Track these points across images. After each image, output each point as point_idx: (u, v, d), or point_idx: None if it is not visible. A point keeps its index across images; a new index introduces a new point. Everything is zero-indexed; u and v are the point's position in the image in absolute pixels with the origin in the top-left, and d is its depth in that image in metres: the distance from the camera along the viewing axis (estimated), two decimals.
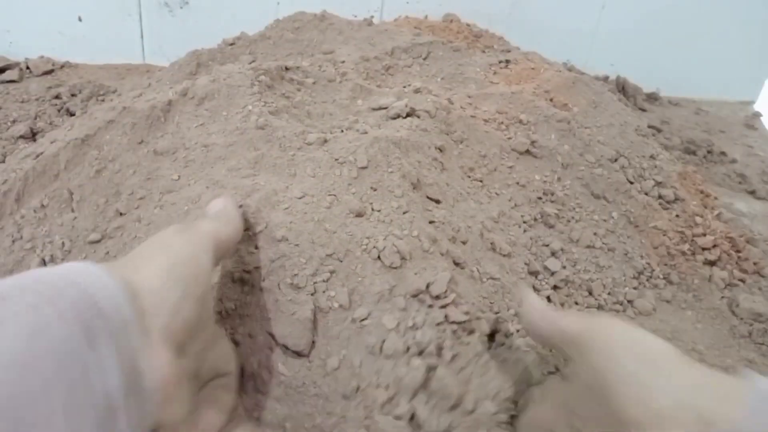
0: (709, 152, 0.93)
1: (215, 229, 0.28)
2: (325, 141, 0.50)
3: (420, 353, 0.33)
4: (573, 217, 0.60)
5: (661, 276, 0.60)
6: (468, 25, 1.07)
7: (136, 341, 0.20)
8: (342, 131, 0.54)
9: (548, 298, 0.51)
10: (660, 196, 0.66)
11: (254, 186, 0.44)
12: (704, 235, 0.62)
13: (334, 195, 0.43)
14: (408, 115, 0.57)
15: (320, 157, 0.47)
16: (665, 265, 0.61)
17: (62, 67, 1.02)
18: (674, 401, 0.20)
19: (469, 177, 0.57)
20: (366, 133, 0.51)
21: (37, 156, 0.53)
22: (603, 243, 0.59)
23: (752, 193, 0.84)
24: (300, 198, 0.42)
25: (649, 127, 0.91)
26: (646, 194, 0.65)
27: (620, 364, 0.23)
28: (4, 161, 0.65)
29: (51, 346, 0.17)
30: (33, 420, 0.16)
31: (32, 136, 0.77)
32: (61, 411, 0.17)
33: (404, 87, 0.67)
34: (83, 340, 0.18)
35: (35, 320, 0.17)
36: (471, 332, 0.37)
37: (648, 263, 0.60)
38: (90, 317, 0.19)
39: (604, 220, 0.61)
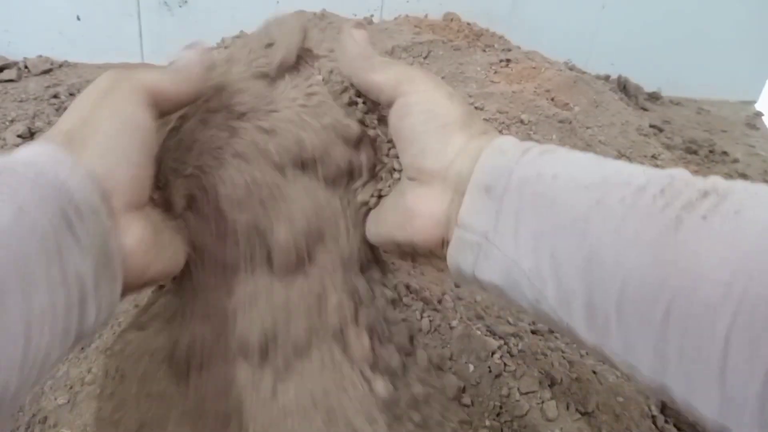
0: (710, 152, 0.93)
1: (158, 80, 0.26)
2: None
3: None
4: None
5: None
6: (468, 24, 1.07)
7: (105, 225, 0.22)
8: None
9: None
10: None
11: None
12: None
13: None
14: None
15: None
16: None
17: (61, 66, 1.02)
18: (438, 162, 0.25)
19: None
20: None
21: None
22: None
23: None
24: None
25: (651, 126, 0.91)
26: None
27: (409, 124, 0.26)
28: None
29: (33, 225, 0.18)
30: (15, 287, 0.17)
31: (30, 135, 0.77)
32: (41, 285, 0.18)
33: None
34: (62, 223, 0.19)
35: (19, 200, 0.18)
36: None
37: None
38: (66, 203, 0.20)
39: None
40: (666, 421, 0.39)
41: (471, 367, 0.42)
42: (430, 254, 0.26)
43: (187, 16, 1.07)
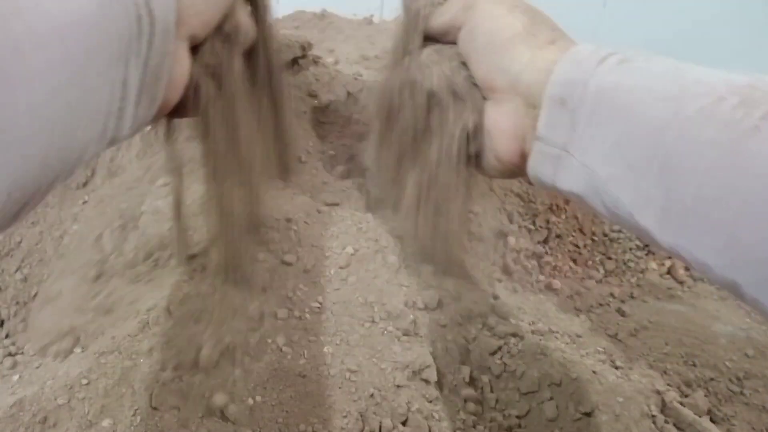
0: None
1: None
2: None
3: None
4: None
5: None
6: None
7: (168, 47, 0.23)
8: None
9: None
10: None
11: None
12: None
13: None
14: None
15: None
16: None
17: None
18: (507, 77, 0.25)
19: None
20: None
21: None
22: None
23: None
24: None
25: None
26: None
27: (473, 48, 0.27)
28: None
29: (112, 17, 0.20)
30: (89, 73, 0.19)
31: None
32: (102, 82, 0.19)
33: None
34: (134, 29, 0.21)
35: None
36: None
37: None
38: (144, 12, 0.21)
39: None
40: (666, 421, 0.40)
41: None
42: (519, 169, 0.27)
43: None
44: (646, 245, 0.62)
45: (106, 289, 0.43)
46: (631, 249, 0.62)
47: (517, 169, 0.27)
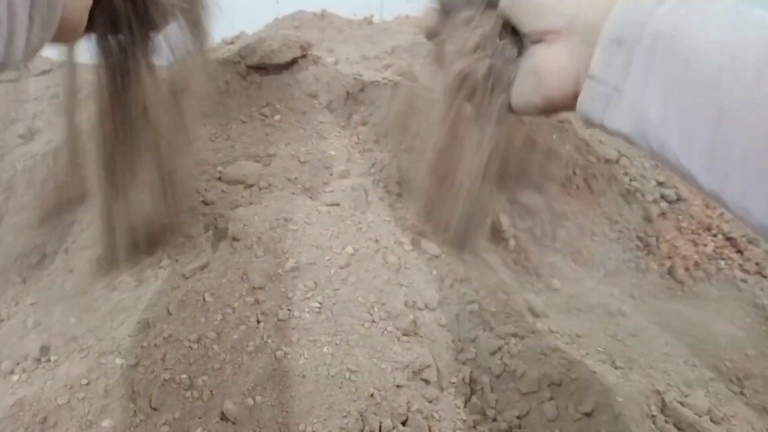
0: None
1: None
2: None
3: None
4: None
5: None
6: None
7: None
8: None
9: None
10: (662, 196, 0.65)
11: None
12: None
13: None
14: None
15: None
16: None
17: (61, 66, 1.02)
18: (558, 18, 0.25)
19: None
20: None
21: (32, 156, 0.53)
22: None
23: None
24: None
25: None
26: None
27: None
28: (2, 160, 0.64)
29: None
30: None
31: (30, 135, 0.77)
32: None
33: None
34: None
35: None
36: None
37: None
38: None
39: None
40: (666, 421, 0.40)
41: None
42: (566, 107, 0.27)
43: None
44: (647, 245, 0.62)
45: None
46: (631, 249, 0.62)
47: (564, 108, 0.27)
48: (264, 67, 0.61)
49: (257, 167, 0.53)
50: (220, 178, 0.53)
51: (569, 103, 0.26)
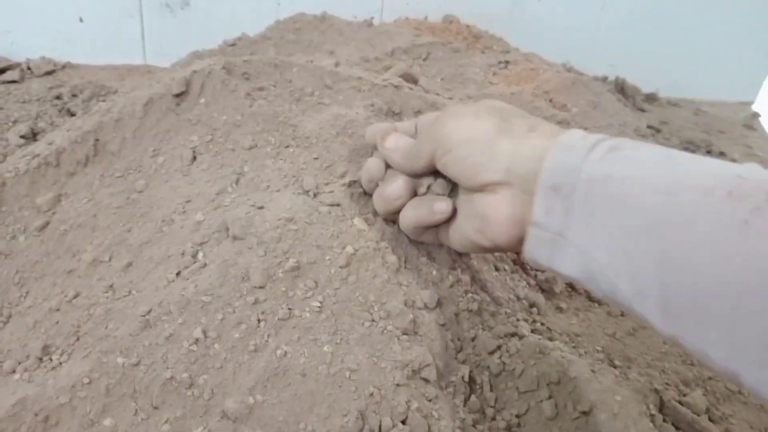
0: (708, 152, 0.93)
1: None
2: None
3: None
4: None
5: None
6: (468, 26, 1.07)
7: None
8: None
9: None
10: None
11: None
12: None
13: None
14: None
15: None
16: None
17: (63, 67, 1.02)
18: (494, 172, 0.26)
19: None
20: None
21: (35, 156, 0.53)
22: None
23: None
24: None
25: (648, 127, 0.91)
26: None
27: (452, 158, 0.28)
28: (4, 161, 0.65)
29: None
30: None
31: (33, 136, 0.77)
32: None
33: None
34: None
35: None
36: None
37: None
38: None
39: None
40: (664, 420, 0.40)
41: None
42: (511, 249, 0.28)
43: (188, 17, 1.07)
44: None
45: None
46: None
47: (509, 250, 0.28)
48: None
49: None
50: None
51: (515, 246, 0.27)
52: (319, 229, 0.44)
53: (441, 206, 0.34)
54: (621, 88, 1.11)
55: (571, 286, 0.59)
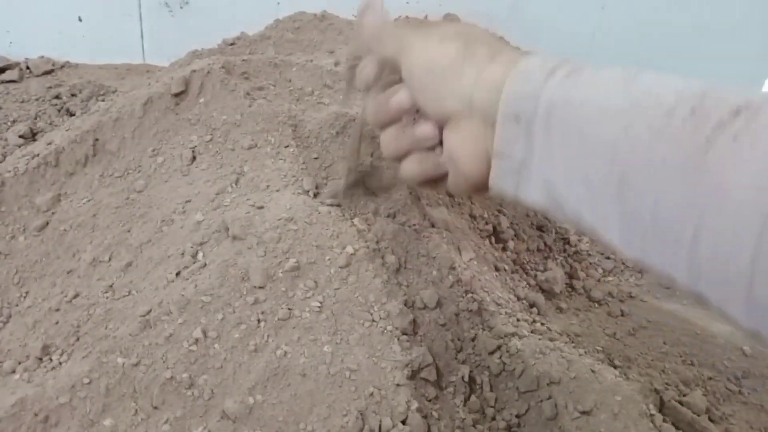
0: None
1: None
2: None
3: None
4: None
5: None
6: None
7: None
8: None
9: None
10: None
11: None
12: None
13: None
14: None
15: None
16: None
17: (62, 67, 1.02)
18: (457, 101, 0.25)
19: None
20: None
21: (34, 156, 0.53)
22: None
23: None
24: None
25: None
26: None
27: (417, 78, 0.28)
28: (4, 161, 0.65)
29: None
30: None
31: (32, 135, 0.77)
32: None
33: None
34: None
35: None
36: None
37: None
38: None
39: None
40: (664, 420, 0.40)
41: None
42: (482, 185, 0.27)
43: (188, 16, 1.07)
44: None
45: None
46: None
47: (484, 186, 0.27)
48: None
49: None
50: None
51: (484, 181, 0.26)
52: (319, 229, 0.44)
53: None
54: None
55: (571, 287, 0.59)
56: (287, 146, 0.53)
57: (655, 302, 0.58)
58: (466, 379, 0.41)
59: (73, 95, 0.89)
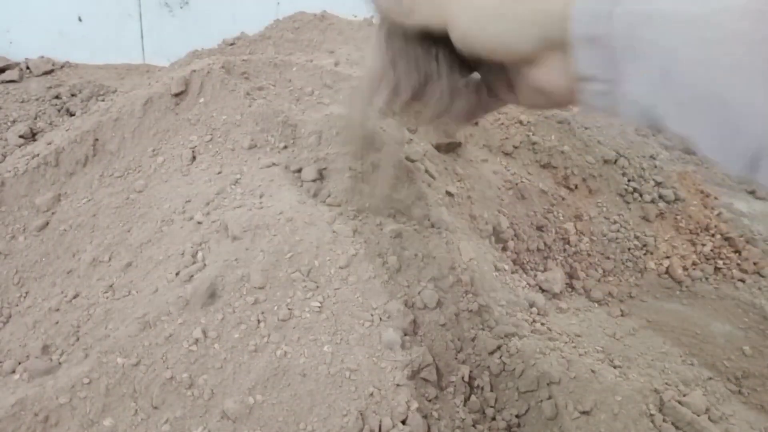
0: None
1: None
2: None
3: None
4: None
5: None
6: None
7: None
8: None
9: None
10: (660, 197, 0.66)
11: None
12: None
13: None
14: None
15: None
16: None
17: (62, 67, 1.02)
18: (526, 44, 0.25)
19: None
20: None
21: (34, 156, 0.53)
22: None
23: (752, 192, 0.84)
24: None
25: (649, 126, 0.91)
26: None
27: (466, 29, 0.26)
28: (3, 161, 0.65)
29: None
30: None
31: (32, 135, 0.77)
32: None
33: None
34: None
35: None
36: None
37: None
38: None
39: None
40: (664, 420, 0.40)
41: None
42: (570, 103, 0.27)
43: (187, 16, 1.07)
44: (645, 245, 0.63)
45: None
46: (629, 249, 0.63)
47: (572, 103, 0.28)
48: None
49: None
50: None
51: (575, 102, 0.27)
52: (319, 229, 0.44)
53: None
54: None
55: (571, 287, 0.59)
56: (287, 146, 0.53)
57: (655, 302, 0.58)
58: (466, 379, 0.41)
59: (73, 95, 0.89)
